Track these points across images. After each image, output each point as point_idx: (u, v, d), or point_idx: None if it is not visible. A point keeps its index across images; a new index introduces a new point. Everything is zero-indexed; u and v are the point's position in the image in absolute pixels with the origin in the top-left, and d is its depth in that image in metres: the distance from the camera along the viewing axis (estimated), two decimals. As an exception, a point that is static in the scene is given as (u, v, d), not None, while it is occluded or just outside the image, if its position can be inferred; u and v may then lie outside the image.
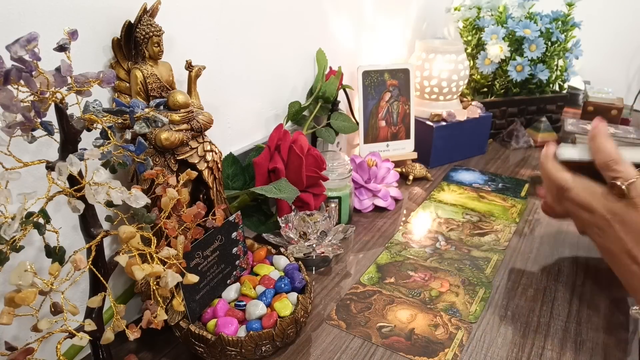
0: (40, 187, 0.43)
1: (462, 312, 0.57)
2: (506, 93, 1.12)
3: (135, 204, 0.37)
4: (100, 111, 0.38)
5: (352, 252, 0.69)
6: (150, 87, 0.50)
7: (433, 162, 0.97)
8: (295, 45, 0.80)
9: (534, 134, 1.12)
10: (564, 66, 1.14)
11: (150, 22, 0.49)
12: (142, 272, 0.36)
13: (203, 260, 0.50)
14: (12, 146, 0.34)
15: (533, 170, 0.97)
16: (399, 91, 0.92)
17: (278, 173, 0.64)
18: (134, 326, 0.39)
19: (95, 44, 0.48)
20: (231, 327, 0.48)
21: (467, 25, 1.15)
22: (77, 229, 0.40)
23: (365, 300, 0.59)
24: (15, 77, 0.31)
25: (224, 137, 0.69)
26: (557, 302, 0.59)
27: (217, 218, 0.47)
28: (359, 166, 0.80)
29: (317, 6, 0.83)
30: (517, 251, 0.69)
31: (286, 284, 0.54)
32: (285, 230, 0.62)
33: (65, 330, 0.36)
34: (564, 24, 1.09)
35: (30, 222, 0.33)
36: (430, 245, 0.70)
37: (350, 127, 0.84)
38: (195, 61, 0.53)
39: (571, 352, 0.51)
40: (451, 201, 0.84)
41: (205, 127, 0.52)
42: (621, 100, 1.20)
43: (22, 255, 0.39)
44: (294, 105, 0.78)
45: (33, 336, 0.44)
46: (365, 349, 0.51)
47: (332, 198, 0.72)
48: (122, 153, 0.39)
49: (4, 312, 0.32)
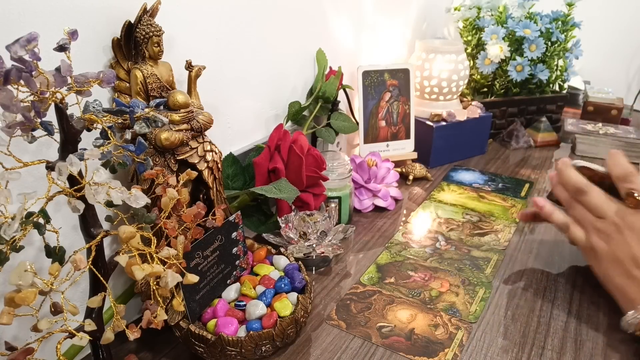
0: (40, 187, 0.43)
1: (462, 312, 0.57)
2: (506, 93, 1.12)
3: (135, 204, 0.37)
4: (100, 111, 0.38)
5: (352, 252, 0.69)
6: (150, 87, 0.50)
7: (433, 162, 0.97)
8: (295, 45, 0.80)
9: (534, 134, 1.12)
10: (564, 66, 1.14)
11: (150, 22, 0.49)
12: (142, 272, 0.36)
13: (203, 260, 0.50)
14: (12, 146, 0.34)
15: (533, 170, 0.97)
16: (399, 91, 0.92)
17: (278, 173, 0.64)
18: (134, 326, 0.39)
19: (95, 44, 0.48)
20: (231, 327, 0.48)
21: (467, 25, 1.15)
22: (77, 229, 0.40)
23: (365, 300, 0.59)
24: (15, 77, 0.31)
25: (224, 137, 0.69)
26: (557, 302, 0.59)
27: (217, 218, 0.47)
28: (359, 166, 0.80)
29: (317, 6, 0.83)
30: (517, 251, 0.69)
31: (286, 284, 0.54)
32: (285, 230, 0.62)
33: (65, 330, 0.36)
34: (564, 24, 1.09)
35: (30, 222, 0.33)
36: (430, 245, 0.70)
37: (350, 127, 0.84)
38: (195, 61, 0.53)
39: (571, 352, 0.51)
40: (451, 201, 0.84)
41: (205, 127, 0.52)
42: (621, 100, 1.20)
43: (22, 255, 0.39)
44: (294, 105, 0.78)
45: (33, 336, 0.44)
46: (365, 349, 0.51)
47: (332, 198, 0.72)
48: (122, 153, 0.39)
49: (4, 312, 0.32)
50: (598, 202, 0.56)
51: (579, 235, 0.59)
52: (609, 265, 0.55)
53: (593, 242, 0.56)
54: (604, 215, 0.56)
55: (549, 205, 0.63)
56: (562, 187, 0.61)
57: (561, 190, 0.62)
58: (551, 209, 0.63)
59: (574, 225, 0.59)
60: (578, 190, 0.58)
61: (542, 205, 0.64)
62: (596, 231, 0.56)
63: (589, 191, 0.57)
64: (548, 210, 0.63)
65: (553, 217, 0.62)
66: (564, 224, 0.61)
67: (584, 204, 0.58)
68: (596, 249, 0.56)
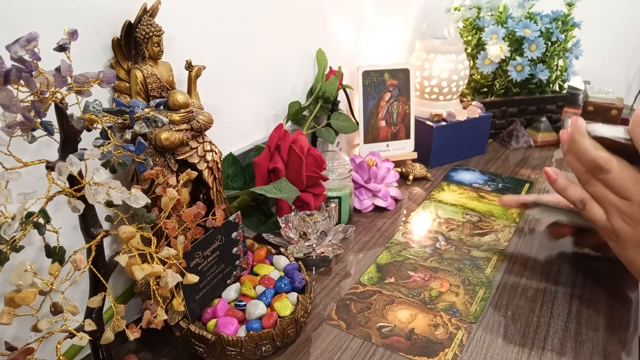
0: (40, 187, 0.43)
1: (462, 312, 0.57)
2: (506, 93, 1.12)
3: (135, 204, 0.37)
4: (100, 111, 0.38)
5: (352, 252, 0.69)
6: (150, 87, 0.50)
7: (433, 162, 0.97)
8: (295, 45, 0.80)
9: (534, 134, 1.12)
10: (564, 66, 1.14)
11: (150, 22, 0.49)
12: (142, 272, 0.36)
13: (203, 260, 0.50)
14: (12, 146, 0.34)
15: (533, 170, 0.97)
16: (399, 91, 0.92)
17: (278, 173, 0.64)
18: (134, 326, 0.39)
19: (95, 44, 0.48)
20: (231, 327, 0.48)
21: (467, 25, 1.15)
22: (77, 229, 0.40)
23: (365, 300, 0.59)
24: (15, 77, 0.31)
25: (224, 137, 0.69)
26: (557, 302, 0.59)
27: (217, 218, 0.47)
28: (359, 166, 0.80)
29: (317, 6, 0.83)
30: (517, 251, 0.69)
31: (286, 284, 0.54)
32: (285, 230, 0.62)
33: (65, 330, 0.36)
34: (564, 24, 1.09)
35: (30, 222, 0.33)
36: (430, 245, 0.70)
37: (350, 127, 0.84)
38: (195, 61, 0.53)
39: (571, 352, 0.51)
40: (451, 201, 0.84)
41: (205, 127, 0.52)
42: (621, 100, 1.20)
43: (22, 255, 0.39)
44: (294, 105, 0.78)
45: (33, 336, 0.44)
46: (365, 349, 0.51)
47: (332, 198, 0.72)
48: (122, 153, 0.39)
49: (4, 312, 0.32)
50: (622, 182, 0.49)
51: (598, 215, 0.52)
52: (635, 251, 0.50)
53: (616, 225, 0.51)
54: (630, 197, 0.49)
55: (562, 178, 0.56)
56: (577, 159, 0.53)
57: (574, 161, 0.53)
58: (565, 182, 0.55)
59: (592, 202, 0.53)
60: (597, 167, 0.51)
61: (554, 177, 0.56)
62: (620, 213, 0.50)
63: (611, 168, 0.50)
64: (561, 184, 0.55)
65: (568, 192, 0.55)
66: (580, 200, 0.53)
67: (604, 183, 0.51)
68: (619, 233, 0.51)
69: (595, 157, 0.51)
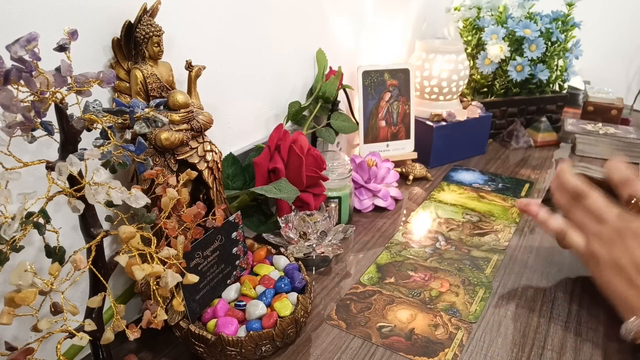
0: (40, 187, 0.43)
1: (462, 312, 0.57)
2: (506, 93, 1.12)
3: (135, 204, 0.37)
4: (100, 111, 0.38)
5: (352, 252, 0.69)
6: (150, 87, 0.50)
7: (433, 162, 0.97)
8: (296, 45, 0.80)
9: (534, 134, 1.12)
10: (564, 66, 1.14)
11: (150, 22, 0.49)
12: (142, 272, 0.36)
13: (203, 260, 0.50)
14: (12, 146, 0.34)
15: (533, 170, 0.97)
16: (399, 91, 0.92)
17: (278, 173, 0.64)
18: (134, 326, 0.39)
19: (95, 44, 0.48)
20: (231, 327, 0.48)
21: (467, 25, 1.15)
22: (77, 229, 0.40)
23: (365, 300, 0.59)
24: (15, 77, 0.31)
25: (224, 137, 0.69)
26: (557, 302, 0.59)
27: (217, 218, 0.47)
28: (359, 166, 0.80)
29: (318, 6, 0.83)
30: (517, 251, 0.69)
31: (286, 284, 0.54)
32: (285, 230, 0.62)
33: (65, 330, 0.36)
34: (564, 24, 1.09)
35: (30, 222, 0.33)
36: (430, 245, 0.70)
37: (350, 127, 0.84)
38: (195, 61, 0.53)
39: (571, 352, 0.51)
40: (451, 201, 0.84)
41: (205, 127, 0.52)
42: (621, 100, 1.20)
43: (22, 255, 0.39)
44: (294, 105, 0.78)
45: (33, 336, 0.44)
46: (365, 349, 0.51)
47: (332, 198, 0.72)
48: (122, 153, 0.39)
49: (4, 312, 0.32)
50: (597, 208, 0.54)
51: (578, 241, 0.56)
52: (610, 273, 0.53)
53: (593, 248, 0.54)
54: (605, 220, 0.53)
55: (543, 212, 0.61)
56: (561, 191, 0.59)
57: (560, 195, 0.59)
58: (546, 216, 0.60)
59: (572, 231, 0.57)
60: (577, 193, 0.56)
61: (535, 212, 0.61)
62: (597, 237, 0.54)
63: (589, 194, 0.55)
64: (543, 218, 0.60)
65: (549, 224, 0.59)
66: (561, 230, 0.58)
67: (584, 208, 0.56)
68: (597, 255, 0.54)
69: (577, 184, 0.57)
